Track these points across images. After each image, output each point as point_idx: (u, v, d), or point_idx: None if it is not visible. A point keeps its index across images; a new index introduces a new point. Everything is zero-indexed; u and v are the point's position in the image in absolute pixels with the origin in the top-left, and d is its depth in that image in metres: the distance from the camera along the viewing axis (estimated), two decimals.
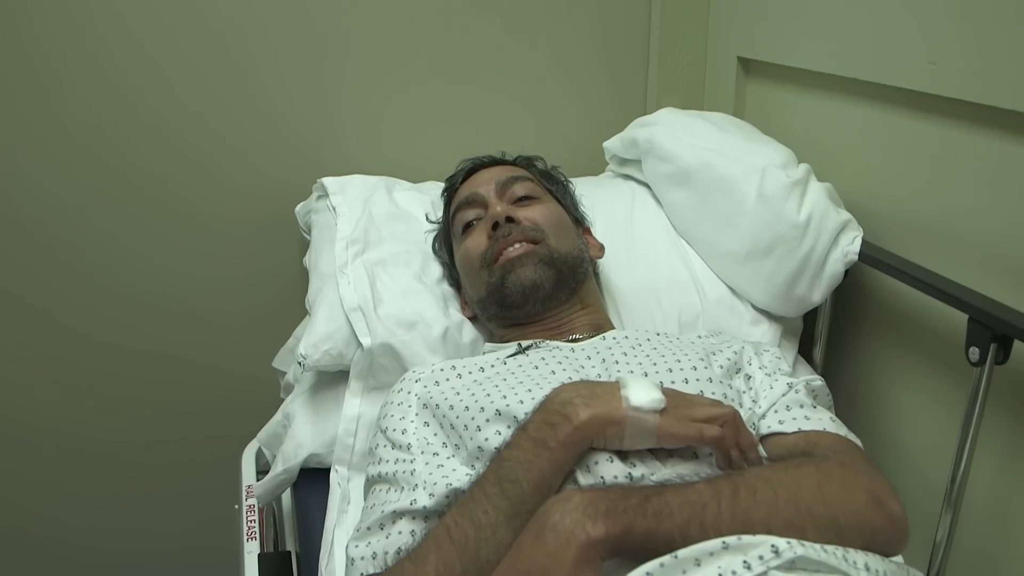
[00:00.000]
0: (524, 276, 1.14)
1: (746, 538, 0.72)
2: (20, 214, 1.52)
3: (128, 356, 1.65)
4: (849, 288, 1.32)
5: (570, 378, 0.99)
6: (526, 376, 1.01)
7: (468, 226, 1.25)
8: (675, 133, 1.41)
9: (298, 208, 1.57)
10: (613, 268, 1.36)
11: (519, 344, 1.13)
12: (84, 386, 1.65)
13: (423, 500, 0.91)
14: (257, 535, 1.28)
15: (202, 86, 1.52)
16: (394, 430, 1.02)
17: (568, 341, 1.13)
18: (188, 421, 1.73)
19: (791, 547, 0.71)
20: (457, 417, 0.97)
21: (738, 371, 1.06)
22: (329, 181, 1.49)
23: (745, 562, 0.70)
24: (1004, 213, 1.06)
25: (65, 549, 1.77)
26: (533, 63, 1.67)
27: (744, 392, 1.02)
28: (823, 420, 0.95)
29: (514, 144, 1.39)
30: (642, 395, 0.84)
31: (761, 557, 0.70)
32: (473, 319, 1.30)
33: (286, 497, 1.35)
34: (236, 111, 1.55)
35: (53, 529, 1.75)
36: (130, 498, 1.76)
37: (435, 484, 0.92)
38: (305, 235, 1.54)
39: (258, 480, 1.30)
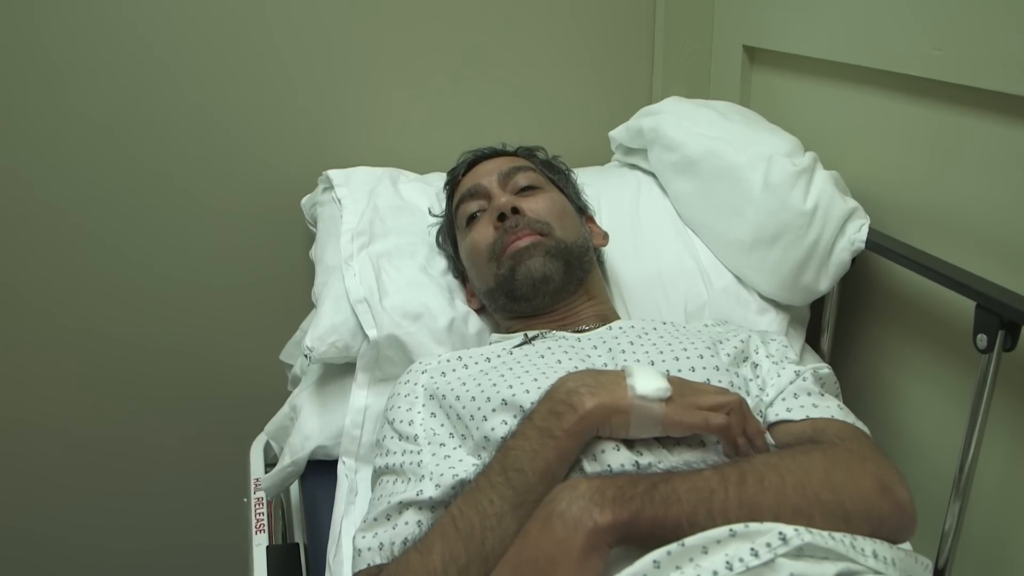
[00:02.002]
0: (534, 268, 1.13)
1: (753, 525, 0.72)
2: (24, 210, 1.52)
3: (134, 352, 1.65)
4: (856, 276, 1.31)
5: (576, 367, 0.99)
6: (532, 365, 1.01)
7: (472, 218, 1.24)
8: (681, 122, 1.40)
9: (304, 201, 1.57)
10: (619, 258, 1.36)
11: (525, 334, 1.13)
12: (91, 382, 1.66)
13: (429, 491, 0.91)
14: (266, 527, 1.28)
15: (207, 80, 1.52)
16: (401, 421, 1.02)
17: (574, 332, 1.13)
18: (196, 416, 1.73)
19: (798, 534, 0.71)
20: (463, 407, 0.97)
21: (745, 359, 1.05)
22: (334, 173, 1.48)
23: (752, 549, 0.70)
24: (1010, 199, 1.05)
25: (67, 549, 1.77)
26: (538, 54, 1.66)
27: (751, 380, 1.02)
28: (830, 408, 0.95)
29: (520, 134, 1.39)
30: (648, 383, 0.84)
31: (768, 544, 0.70)
32: (479, 311, 1.30)
33: (294, 489, 1.35)
34: (242, 104, 1.55)
35: (60, 528, 1.75)
36: (138, 494, 1.76)
37: (442, 475, 0.92)
38: (311, 228, 1.54)
39: (266, 473, 1.31)
